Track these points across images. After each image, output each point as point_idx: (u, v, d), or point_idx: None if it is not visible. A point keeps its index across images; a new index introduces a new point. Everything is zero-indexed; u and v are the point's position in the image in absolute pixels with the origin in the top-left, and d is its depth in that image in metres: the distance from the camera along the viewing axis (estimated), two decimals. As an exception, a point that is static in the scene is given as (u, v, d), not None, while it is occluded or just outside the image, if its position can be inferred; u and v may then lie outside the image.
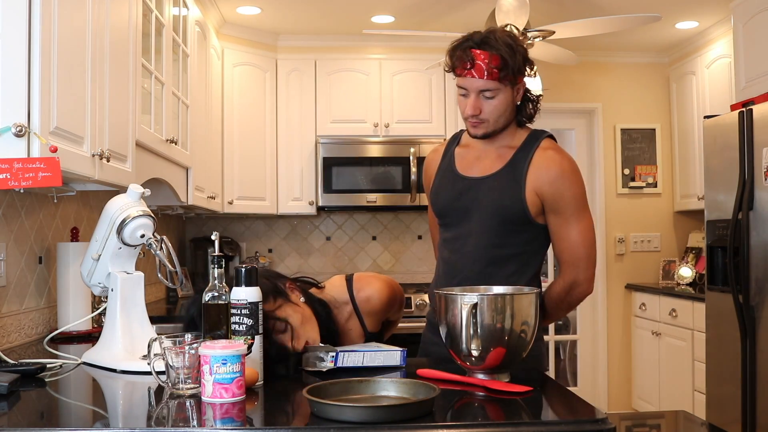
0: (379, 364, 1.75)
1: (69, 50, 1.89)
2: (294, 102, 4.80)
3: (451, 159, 2.13)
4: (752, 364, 3.37)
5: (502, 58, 1.91)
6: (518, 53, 1.94)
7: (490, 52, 1.91)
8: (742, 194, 3.43)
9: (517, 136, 2.06)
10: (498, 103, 1.96)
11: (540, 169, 1.96)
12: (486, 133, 2.01)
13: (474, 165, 2.07)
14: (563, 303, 2.06)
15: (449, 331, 1.60)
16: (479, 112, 1.96)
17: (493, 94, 1.94)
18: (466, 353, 1.56)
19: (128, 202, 1.96)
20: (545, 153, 1.99)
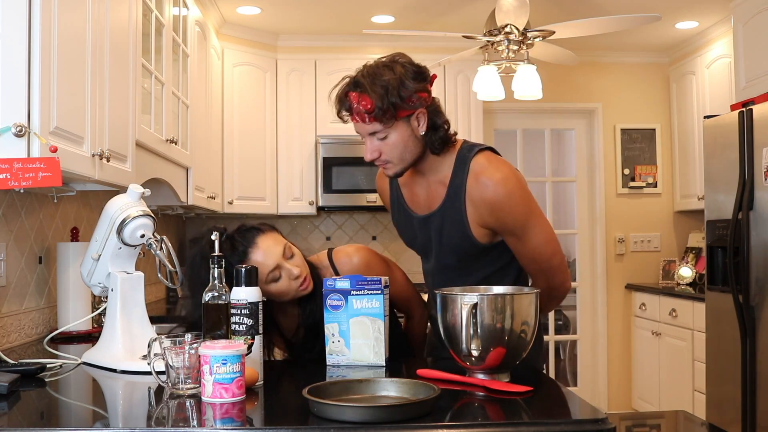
0: None
1: (69, 50, 1.89)
2: (294, 102, 4.80)
3: (398, 191, 2.07)
4: (752, 364, 3.37)
5: (371, 99, 1.79)
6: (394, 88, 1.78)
7: (359, 93, 1.81)
8: (742, 194, 3.43)
9: (445, 165, 1.91)
10: (394, 142, 1.84)
11: (475, 202, 1.86)
12: (397, 173, 1.91)
13: (417, 201, 2.01)
14: (547, 299, 1.99)
15: (449, 331, 1.60)
16: (378, 155, 1.87)
17: (384, 134, 1.83)
18: (466, 353, 1.56)
19: (128, 202, 1.96)
20: (477, 182, 1.85)
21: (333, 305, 1.80)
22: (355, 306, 1.79)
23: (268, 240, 1.86)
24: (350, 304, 1.79)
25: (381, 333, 1.78)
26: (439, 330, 1.63)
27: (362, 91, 1.81)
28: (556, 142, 5.72)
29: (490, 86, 3.85)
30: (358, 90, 1.82)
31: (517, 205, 1.85)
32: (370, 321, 1.79)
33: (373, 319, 1.79)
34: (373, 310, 1.79)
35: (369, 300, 1.79)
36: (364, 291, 1.79)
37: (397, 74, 1.82)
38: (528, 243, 1.89)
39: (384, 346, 1.79)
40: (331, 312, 1.80)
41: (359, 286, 1.80)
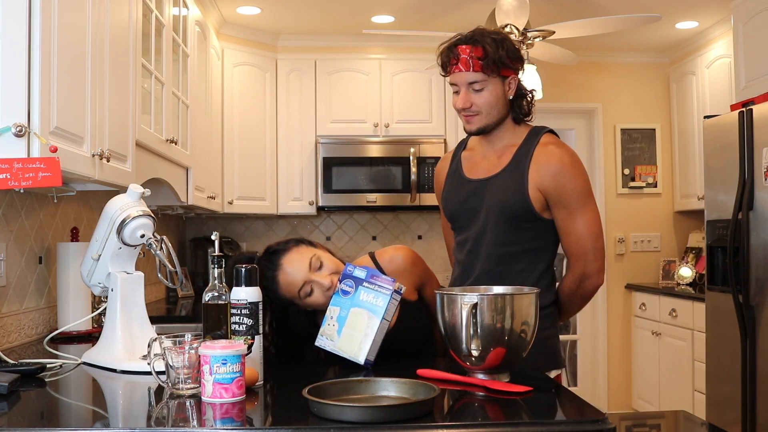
0: None
1: (69, 50, 1.89)
2: (294, 102, 4.80)
3: (459, 163, 2.17)
4: (752, 364, 3.37)
5: (484, 49, 1.95)
6: (503, 47, 1.97)
7: (472, 45, 1.97)
8: (742, 194, 3.43)
9: (517, 133, 2.08)
10: (488, 95, 1.99)
11: (540, 164, 1.99)
12: (480, 128, 2.04)
13: (479, 166, 2.10)
14: (575, 297, 2.09)
15: (449, 331, 1.60)
16: (470, 105, 2.00)
17: (482, 86, 1.98)
18: (466, 353, 1.56)
19: (128, 202, 1.96)
20: (545, 148, 2.01)
21: (344, 290, 1.81)
22: (361, 297, 1.79)
23: (293, 257, 1.88)
24: (357, 294, 1.80)
25: (373, 332, 1.77)
26: None
27: (474, 43, 1.97)
28: (556, 142, 5.73)
29: (490, 86, 3.84)
30: (469, 42, 1.98)
31: (577, 176, 2.00)
32: (368, 316, 1.78)
33: (371, 315, 1.78)
34: (375, 307, 1.78)
35: (375, 296, 1.79)
36: (375, 287, 1.79)
37: (507, 39, 2.02)
38: (576, 220, 2.00)
39: (371, 346, 1.76)
40: (339, 296, 1.81)
41: (373, 280, 1.80)
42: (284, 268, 1.86)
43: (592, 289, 2.08)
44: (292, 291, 1.86)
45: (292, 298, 1.87)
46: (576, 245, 2.02)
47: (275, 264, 1.88)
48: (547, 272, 2.08)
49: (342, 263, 1.91)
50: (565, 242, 2.04)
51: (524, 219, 2.01)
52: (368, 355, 1.77)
